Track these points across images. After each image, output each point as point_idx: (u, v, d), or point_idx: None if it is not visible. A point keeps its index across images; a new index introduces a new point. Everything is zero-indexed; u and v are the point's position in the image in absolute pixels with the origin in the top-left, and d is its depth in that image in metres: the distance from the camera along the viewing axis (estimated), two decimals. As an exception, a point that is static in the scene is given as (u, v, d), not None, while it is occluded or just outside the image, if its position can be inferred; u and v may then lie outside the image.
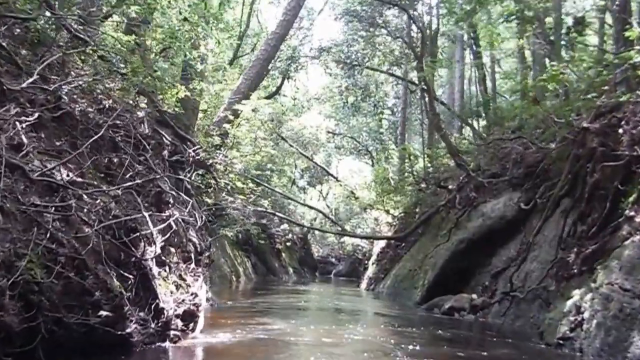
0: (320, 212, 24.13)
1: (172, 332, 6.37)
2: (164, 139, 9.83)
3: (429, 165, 20.93)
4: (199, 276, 7.90)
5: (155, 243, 6.47)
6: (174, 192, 8.11)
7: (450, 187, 15.88)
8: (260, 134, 13.87)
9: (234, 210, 11.34)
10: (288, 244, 31.91)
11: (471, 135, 22.20)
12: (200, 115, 12.02)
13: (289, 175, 27.81)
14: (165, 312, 5.98)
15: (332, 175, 24.25)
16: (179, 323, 6.41)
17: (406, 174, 22.12)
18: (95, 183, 6.41)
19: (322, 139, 28.18)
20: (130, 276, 5.85)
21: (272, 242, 30.65)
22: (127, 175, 7.69)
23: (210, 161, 10.94)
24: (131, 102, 9.74)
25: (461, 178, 15.25)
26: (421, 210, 19.96)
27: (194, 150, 10.77)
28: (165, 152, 9.96)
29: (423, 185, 20.49)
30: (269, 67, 15.53)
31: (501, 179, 13.18)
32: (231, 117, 12.10)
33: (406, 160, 24.33)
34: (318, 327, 9.41)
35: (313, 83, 41.38)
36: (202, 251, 8.73)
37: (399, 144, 25.16)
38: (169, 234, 7.01)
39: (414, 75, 26.31)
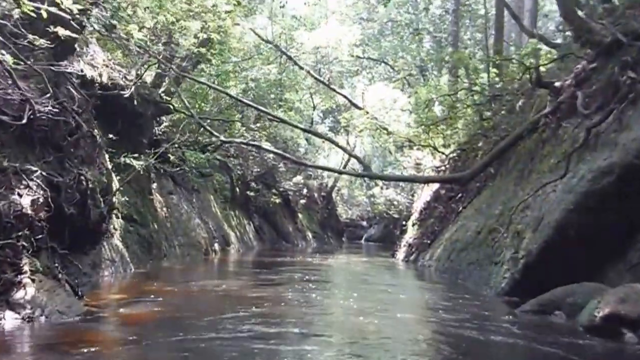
0: (343, 149, 17.14)
1: None
2: None
3: (497, 79, 14.06)
4: None
5: None
6: None
7: (557, 84, 8.74)
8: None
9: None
10: (303, 201, 25.15)
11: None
12: None
13: (302, 109, 20.77)
14: None
15: (356, 106, 17.46)
16: None
17: (462, 93, 14.87)
18: None
19: (344, 61, 21.00)
20: None
21: (284, 201, 24.15)
22: None
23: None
24: None
25: (584, 63, 8.11)
26: (486, 143, 13.05)
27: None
28: None
29: (489, 111, 13.66)
30: None
31: None
32: None
33: (460, 79, 17.23)
34: None
35: None
36: None
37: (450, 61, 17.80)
38: None
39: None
